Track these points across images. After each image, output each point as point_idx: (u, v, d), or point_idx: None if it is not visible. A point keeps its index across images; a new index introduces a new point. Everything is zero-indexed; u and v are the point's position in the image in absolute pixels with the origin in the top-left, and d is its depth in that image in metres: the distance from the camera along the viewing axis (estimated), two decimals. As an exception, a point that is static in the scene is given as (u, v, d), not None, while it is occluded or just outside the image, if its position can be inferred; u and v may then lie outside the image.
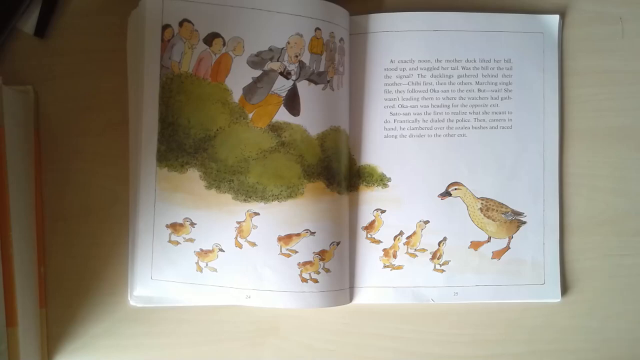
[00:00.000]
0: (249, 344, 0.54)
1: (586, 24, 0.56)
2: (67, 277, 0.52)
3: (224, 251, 0.51)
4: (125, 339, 0.53)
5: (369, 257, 0.54)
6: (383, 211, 0.54)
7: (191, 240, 0.51)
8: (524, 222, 0.54)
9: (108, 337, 0.53)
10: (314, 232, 0.51)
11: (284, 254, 0.51)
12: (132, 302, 0.52)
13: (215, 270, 0.51)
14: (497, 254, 0.54)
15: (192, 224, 0.51)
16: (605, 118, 0.56)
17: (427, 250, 0.54)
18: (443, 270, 0.54)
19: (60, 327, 0.52)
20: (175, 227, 0.51)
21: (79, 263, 0.53)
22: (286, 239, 0.51)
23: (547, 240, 0.55)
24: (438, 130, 0.54)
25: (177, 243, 0.51)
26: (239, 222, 0.51)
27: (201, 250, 0.51)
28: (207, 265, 0.51)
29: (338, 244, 0.52)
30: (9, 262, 0.46)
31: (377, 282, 0.54)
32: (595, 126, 0.56)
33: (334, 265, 0.52)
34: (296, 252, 0.51)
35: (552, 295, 0.55)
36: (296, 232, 0.51)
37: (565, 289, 0.55)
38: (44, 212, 0.52)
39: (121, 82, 0.53)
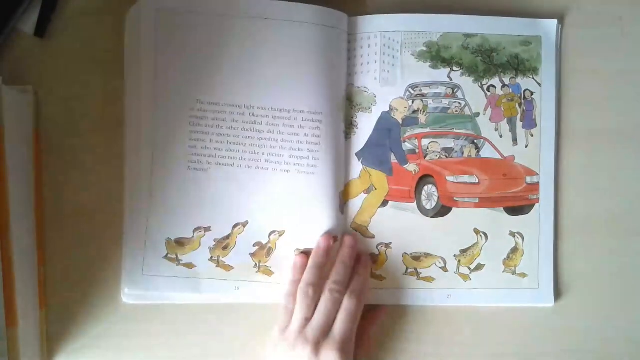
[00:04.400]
0: (249, 344, 0.54)
1: (586, 24, 0.56)
2: (67, 277, 0.53)
3: None
4: (125, 339, 0.53)
5: None
6: None
7: None
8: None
9: (108, 337, 0.53)
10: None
11: None
12: (124, 299, 0.53)
13: None
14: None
15: None
16: (604, 118, 0.56)
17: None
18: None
19: (60, 327, 0.53)
20: None
21: (78, 263, 0.53)
22: None
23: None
24: None
25: None
26: None
27: None
28: None
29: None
30: (9, 262, 0.46)
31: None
32: (594, 126, 0.56)
33: None
34: None
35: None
36: None
37: (559, 291, 0.55)
38: (44, 212, 0.53)
39: (121, 82, 0.53)
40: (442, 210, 0.55)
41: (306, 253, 0.53)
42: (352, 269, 0.52)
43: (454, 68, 0.55)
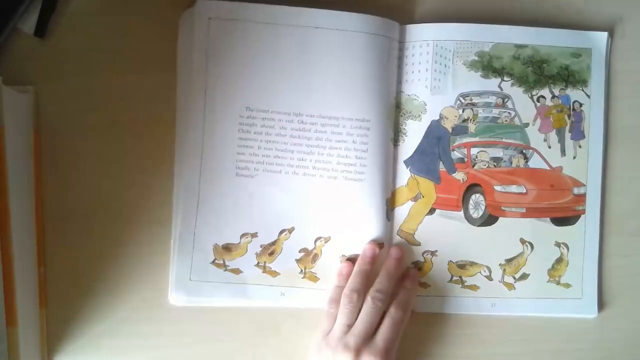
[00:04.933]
0: (249, 344, 0.54)
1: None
2: (67, 277, 0.52)
3: None
4: (125, 339, 0.53)
5: None
6: None
7: None
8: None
9: (108, 337, 0.53)
10: None
11: None
12: (172, 302, 0.53)
13: None
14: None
15: None
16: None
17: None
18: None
19: (60, 327, 0.52)
20: None
21: (78, 263, 0.52)
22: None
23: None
24: None
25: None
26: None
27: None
28: None
29: None
30: (9, 262, 0.46)
31: None
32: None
33: None
34: None
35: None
36: None
37: (603, 302, 0.56)
38: (44, 212, 0.52)
39: (121, 82, 0.53)
40: (489, 220, 0.55)
41: (352, 260, 0.53)
42: (396, 280, 0.52)
43: (505, 78, 0.55)
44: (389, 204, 0.54)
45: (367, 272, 0.52)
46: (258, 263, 0.53)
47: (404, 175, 0.54)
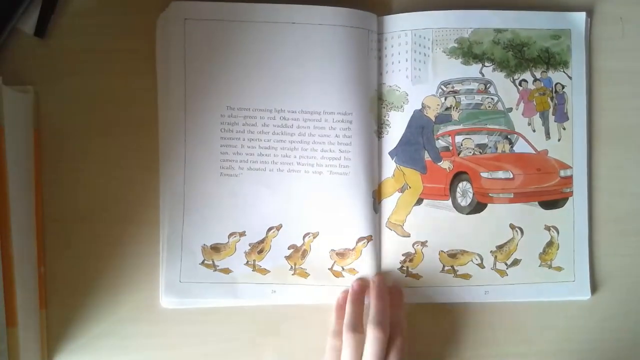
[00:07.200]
0: (249, 344, 0.54)
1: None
2: (67, 277, 0.52)
3: None
4: (125, 339, 0.53)
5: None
6: None
7: None
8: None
9: (108, 337, 0.53)
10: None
11: None
12: (163, 305, 0.53)
13: None
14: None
15: None
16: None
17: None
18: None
19: (60, 327, 0.52)
20: None
21: (79, 263, 0.52)
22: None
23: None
24: None
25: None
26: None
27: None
28: None
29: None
30: (9, 262, 0.46)
31: None
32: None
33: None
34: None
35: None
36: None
37: (595, 284, 0.55)
38: (44, 212, 0.52)
39: (121, 82, 0.53)
40: (477, 207, 0.54)
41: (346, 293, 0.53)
42: (389, 302, 0.51)
43: (486, 63, 0.54)
44: (376, 197, 0.54)
45: (361, 303, 0.52)
46: (247, 262, 0.53)
47: (389, 166, 0.54)
